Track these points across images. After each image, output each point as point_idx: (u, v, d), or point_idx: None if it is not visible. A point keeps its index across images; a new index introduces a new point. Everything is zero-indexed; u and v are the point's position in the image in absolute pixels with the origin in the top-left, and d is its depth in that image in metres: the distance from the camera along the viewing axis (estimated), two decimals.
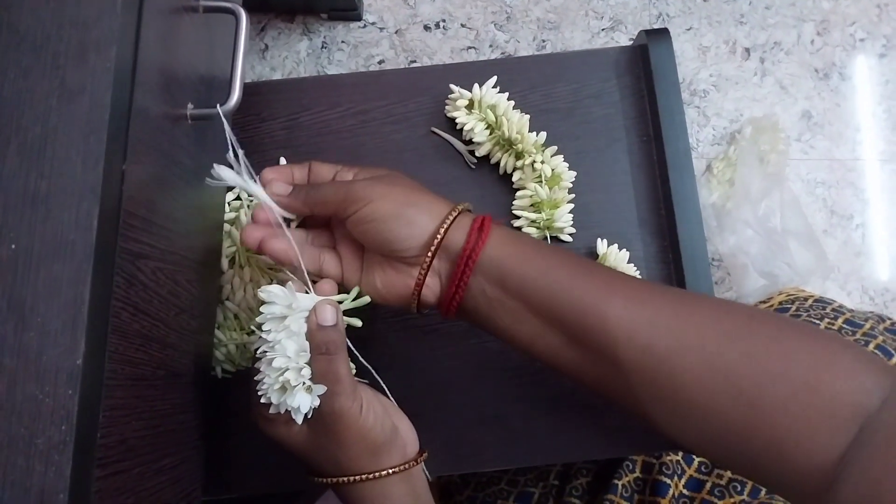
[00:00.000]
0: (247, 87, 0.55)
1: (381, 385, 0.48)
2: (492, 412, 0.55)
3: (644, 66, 0.59)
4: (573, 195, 0.57)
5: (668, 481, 0.62)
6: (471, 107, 0.57)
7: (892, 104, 1.23)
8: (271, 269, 0.54)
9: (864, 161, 1.21)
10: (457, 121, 0.58)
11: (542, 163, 0.55)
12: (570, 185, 0.57)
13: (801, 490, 0.37)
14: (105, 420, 0.31)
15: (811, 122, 1.22)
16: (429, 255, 0.43)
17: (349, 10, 1.20)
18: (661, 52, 0.58)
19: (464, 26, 1.24)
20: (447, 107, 0.59)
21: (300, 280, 0.44)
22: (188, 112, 0.42)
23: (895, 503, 0.32)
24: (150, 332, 0.37)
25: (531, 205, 0.56)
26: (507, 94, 0.58)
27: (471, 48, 1.24)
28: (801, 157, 1.21)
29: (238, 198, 0.55)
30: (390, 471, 0.44)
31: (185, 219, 0.43)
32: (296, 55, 1.23)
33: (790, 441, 0.37)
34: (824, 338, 0.40)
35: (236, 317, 0.54)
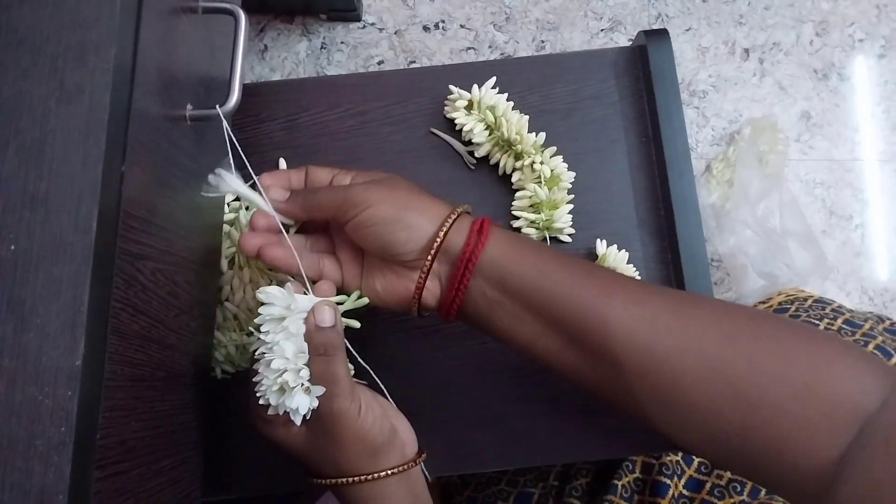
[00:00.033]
0: (246, 88, 0.55)
1: (379, 386, 0.48)
2: (492, 413, 0.55)
3: (643, 67, 0.59)
4: (572, 196, 0.57)
5: (668, 482, 0.62)
6: (470, 107, 0.57)
7: (890, 105, 1.23)
8: (271, 270, 0.54)
9: (863, 161, 1.21)
10: (456, 121, 0.58)
11: (542, 163, 0.55)
12: (570, 186, 0.57)
13: (801, 490, 0.37)
14: (104, 421, 0.31)
15: (810, 123, 1.22)
16: (429, 259, 0.43)
17: (348, 11, 1.20)
18: (660, 53, 0.58)
19: (463, 27, 1.24)
20: (446, 107, 0.59)
21: (299, 283, 0.44)
22: (187, 113, 0.42)
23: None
24: (149, 333, 0.37)
25: (530, 205, 0.56)
26: (506, 95, 0.58)
27: (470, 49, 1.24)
28: (801, 157, 1.21)
29: (237, 198, 0.55)
30: (389, 472, 0.44)
31: (185, 220, 0.43)
32: (295, 56, 1.23)
33: (790, 441, 0.37)
34: (824, 339, 0.40)
35: (236, 318, 0.54)
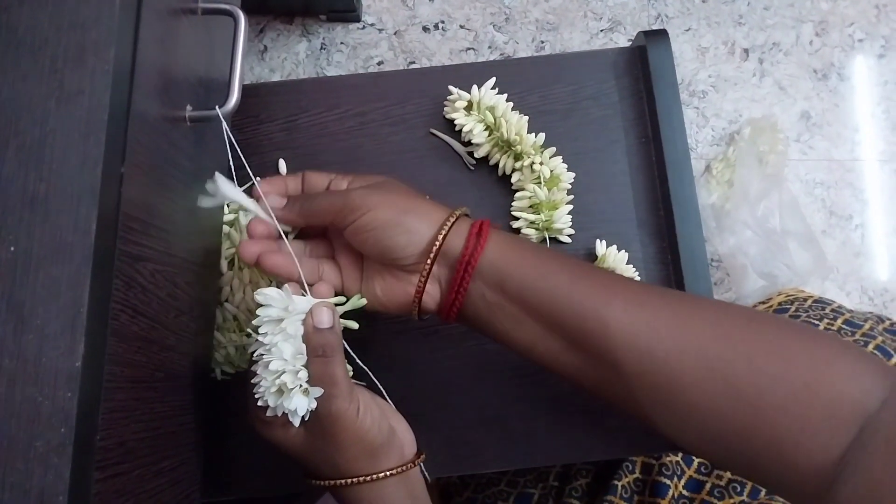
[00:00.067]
0: (245, 89, 0.55)
1: (378, 387, 0.48)
2: (491, 413, 0.55)
3: (643, 68, 0.59)
4: (572, 196, 0.57)
5: (668, 482, 0.62)
6: (469, 108, 0.57)
7: (890, 105, 1.23)
8: None
9: (862, 161, 1.21)
10: (455, 122, 0.58)
11: (541, 164, 0.55)
12: (569, 187, 0.57)
13: (802, 490, 0.37)
14: (104, 422, 0.31)
15: (810, 123, 1.22)
16: (428, 263, 0.43)
17: (348, 12, 1.20)
18: (660, 54, 0.58)
19: (462, 27, 1.24)
20: (446, 108, 0.59)
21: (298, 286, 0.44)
22: (187, 114, 0.41)
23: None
24: (149, 334, 0.37)
25: (530, 206, 0.56)
26: (505, 96, 0.58)
27: (469, 49, 1.24)
28: (800, 157, 1.21)
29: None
30: (387, 473, 0.44)
31: (184, 221, 0.43)
32: (295, 56, 1.23)
33: (790, 442, 0.37)
34: (824, 339, 0.40)
35: (235, 318, 0.54)
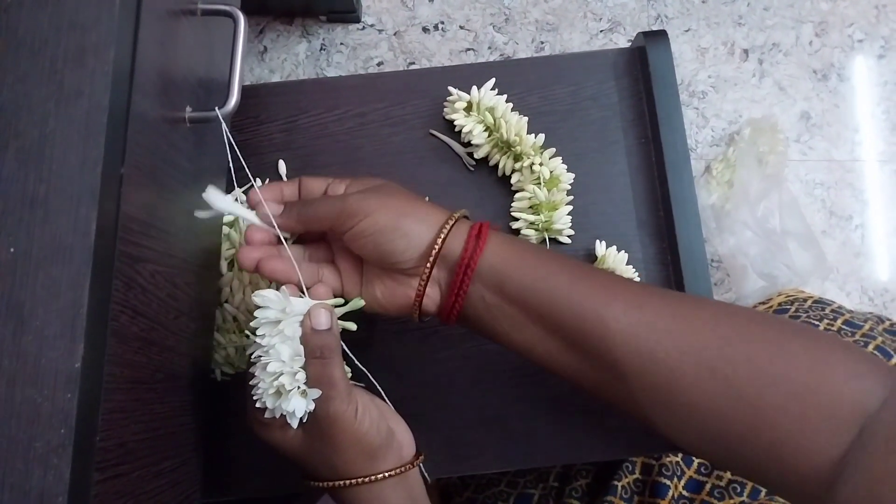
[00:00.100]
0: (245, 90, 0.55)
1: (376, 388, 0.48)
2: (491, 413, 0.55)
3: (642, 68, 0.59)
4: (572, 197, 0.57)
5: (668, 483, 0.62)
6: (469, 109, 0.57)
7: (890, 105, 1.23)
8: None
9: (862, 162, 1.21)
10: (455, 123, 0.58)
11: (541, 165, 0.55)
12: (569, 187, 0.57)
13: (802, 491, 0.37)
14: (104, 423, 0.31)
15: (810, 123, 1.22)
16: (428, 266, 0.43)
17: (348, 12, 1.20)
18: (660, 54, 0.58)
19: (462, 28, 1.24)
20: (445, 109, 0.59)
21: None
22: (186, 115, 0.42)
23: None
24: (148, 335, 0.37)
25: (530, 207, 0.56)
26: (505, 96, 0.58)
27: (469, 50, 1.24)
28: (800, 158, 1.21)
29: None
30: (386, 474, 0.44)
31: (184, 222, 0.43)
32: (294, 57, 1.23)
33: (791, 442, 0.37)
34: (824, 339, 0.40)
35: (235, 319, 0.54)
